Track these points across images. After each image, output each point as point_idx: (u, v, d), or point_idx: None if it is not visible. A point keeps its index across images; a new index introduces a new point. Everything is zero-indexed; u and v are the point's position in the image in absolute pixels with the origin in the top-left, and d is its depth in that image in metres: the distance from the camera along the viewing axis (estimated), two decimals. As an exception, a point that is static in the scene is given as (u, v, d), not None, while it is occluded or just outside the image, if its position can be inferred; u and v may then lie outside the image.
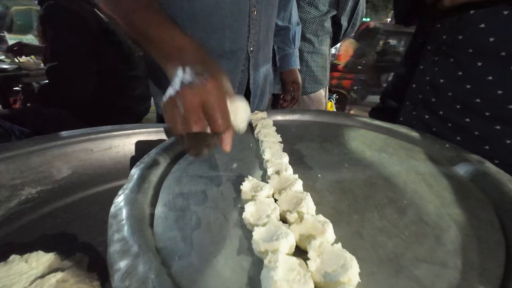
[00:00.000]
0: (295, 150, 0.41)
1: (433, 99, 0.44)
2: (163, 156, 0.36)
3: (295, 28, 0.85)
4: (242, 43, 0.59)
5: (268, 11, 0.62)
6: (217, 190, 0.30)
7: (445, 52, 0.42)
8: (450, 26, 0.40)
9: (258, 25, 0.59)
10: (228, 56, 0.60)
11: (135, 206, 0.25)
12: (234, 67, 0.62)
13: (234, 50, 0.59)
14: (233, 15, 0.55)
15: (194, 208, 0.27)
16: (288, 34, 0.84)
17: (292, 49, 0.86)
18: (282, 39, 0.85)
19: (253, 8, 0.57)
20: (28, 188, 0.35)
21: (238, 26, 0.57)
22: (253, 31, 0.59)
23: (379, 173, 0.33)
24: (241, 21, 0.56)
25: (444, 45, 0.42)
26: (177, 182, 0.32)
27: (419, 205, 0.27)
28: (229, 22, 0.55)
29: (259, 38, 0.62)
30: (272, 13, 0.65)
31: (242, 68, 0.63)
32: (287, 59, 0.86)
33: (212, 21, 0.54)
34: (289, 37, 0.84)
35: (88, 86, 0.95)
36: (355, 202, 0.28)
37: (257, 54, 0.63)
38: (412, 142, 0.41)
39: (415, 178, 0.32)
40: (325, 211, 0.26)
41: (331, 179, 0.32)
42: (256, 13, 0.58)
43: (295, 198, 0.25)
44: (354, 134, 0.47)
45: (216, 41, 0.57)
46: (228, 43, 0.58)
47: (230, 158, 0.38)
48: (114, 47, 1.02)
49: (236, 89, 0.64)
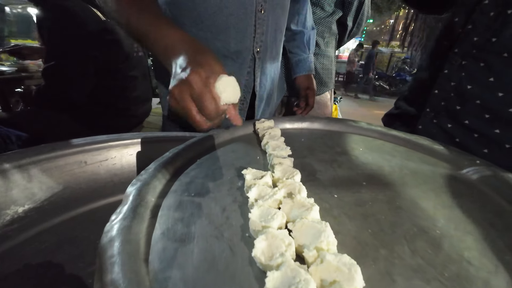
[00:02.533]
0: (306, 164, 0.38)
1: (457, 107, 0.40)
2: (162, 173, 0.33)
3: (309, 33, 0.82)
4: (248, 43, 0.57)
5: (277, 11, 0.59)
6: (222, 215, 0.26)
7: (475, 55, 0.38)
8: (483, 27, 0.36)
9: (266, 25, 0.57)
10: (233, 57, 0.57)
11: (129, 238, 0.22)
12: (240, 68, 0.59)
13: (240, 50, 0.57)
14: (238, 14, 0.53)
15: (196, 237, 0.24)
16: (302, 38, 0.82)
17: (307, 54, 0.83)
18: (296, 44, 0.83)
19: (260, 7, 0.54)
20: (14, 207, 0.32)
21: (244, 26, 0.54)
22: (260, 31, 0.57)
23: (403, 194, 0.30)
24: (247, 20, 0.54)
25: (474, 48, 0.38)
26: (177, 204, 0.28)
27: (456, 237, 0.23)
28: (234, 22, 0.53)
29: (266, 39, 0.59)
30: (281, 14, 0.62)
31: (248, 70, 0.60)
32: (301, 65, 0.84)
33: (216, 21, 0.52)
34: (303, 42, 0.82)
35: (85, 87, 0.93)
36: (380, 231, 0.24)
37: (264, 55, 0.61)
38: (436, 156, 0.37)
39: (446, 201, 0.28)
40: (346, 242, 0.23)
41: (349, 201, 0.29)
42: (263, 12, 0.55)
43: (312, 229, 0.21)
44: (369, 145, 0.43)
45: (221, 42, 0.55)
46: (233, 43, 0.55)
47: (235, 174, 0.34)
48: (112, 47, 0.99)
49: (241, 92, 0.61)
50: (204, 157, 0.39)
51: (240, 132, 0.49)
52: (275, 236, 0.20)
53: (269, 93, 0.70)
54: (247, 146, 0.44)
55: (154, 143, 0.48)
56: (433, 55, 0.49)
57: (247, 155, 0.39)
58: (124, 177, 0.43)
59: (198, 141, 0.42)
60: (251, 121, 0.51)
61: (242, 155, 0.40)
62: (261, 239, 0.20)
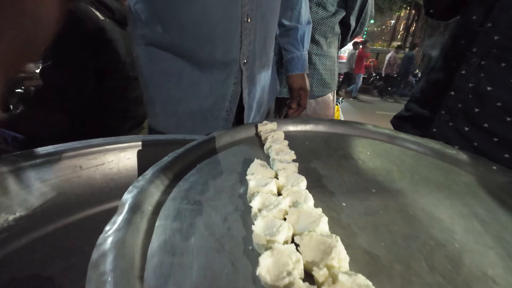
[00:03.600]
0: (311, 169, 0.36)
1: (476, 109, 0.38)
2: (160, 178, 0.31)
3: (304, 28, 0.77)
4: (235, 54, 0.53)
5: (266, 18, 0.55)
6: (223, 225, 0.25)
7: (496, 55, 0.36)
8: (504, 24, 0.35)
9: (253, 34, 0.53)
10: (220, 67, 0.54)
11: (122, 253, 0.20)
12: (226, 78, 0.56)
13: (226, 61, 0.54)
14: (223, 24, 0.49)
15: (195, 250, 0.22)
16: (296, 35, 0.76)
17: (301, 51, 0.78)
18: (289, 41, 0.78)
19: (246, 17, 0.51)
20: (4, 215, 0.30)
21: (230, 36, 0.51)
22: (246, 42, 0.53)
23: (416, 202, 0.28)
24: (233, 30, 0.51)
25: (495, 47, 0.36)
26: (175, 213, 0.27)
27: (477, 251, 0.21)
28: (219, 32, 0.50)
29: (254, 49, 0.56)
30: (270, 19, 0.58)
31: (235, 81, 0.57)
32: (294, 63, 0.78)
33: (201, 31, 0.49)
34: (296, 38, 0.76)
35: (84, 87, 0.91)
36: (394, 244, 0.22)
37: (252, 65, 0.57)
38: (449, 161, 0.35)
39: (462, 210, 0.26)
40: (358, 257, 0.21)
41: (358, 210, 0.27)
42: (249, 22, 0.51)
43: (321, 244, 0.20)
44: (377, 148, 0.41)
45: (207, 52, 0.52)
46: (219, 54, 0.52)
47: (237, 180, 0.33)
48: (111, 46, 0.97)
49: (227, 102, 0.58)
50: (204, 162, 0.37)
51: (242, 135, 0.47)
52: (281, 252, 0.19)
53: (260, 101, 0.66)
54: (249, 149, 0.42)
55: (152, 147, 0.46)
56: (449, 55, 0.47)
57: (249, 160, 0.37)
58: (122, 182, 0.41)
59: (198, 145, 0.40)
60: (253, 123, 0.49)
61: (243, 159, 0.38)
62: (266, 256, 0.18)
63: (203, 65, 0.53)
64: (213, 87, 0.56)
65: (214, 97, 0.57)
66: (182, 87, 0.55)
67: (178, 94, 0.56)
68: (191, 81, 0.55)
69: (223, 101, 0.57)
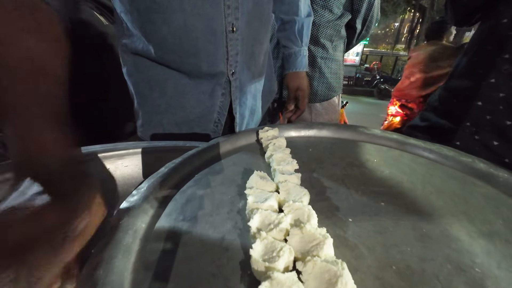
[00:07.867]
0: (314, 179, 0.34)
1: (507, 122, 0.35)
2: (155, 193, 0.29)
3: (303, 20, 0.68)
4: (222, 66, 0.50)
5: (253, 25, 0.52)
6: (220, 246, 0.23)
7: None
8: None
9: (240, 45, 0.50)
10: (208, 78, 0.51)
11: (111, 279, 0.19)
12: (214, 89, 0.53)
13: (213, 74, 0.51)
14: (206, 37, 0.47)
15: (191, 274, 0.20)
16: (293, 28, 0.68)
17: (299, 46, 0.70)
18: (286, 35, 0.70)
19: (231, 27, 0.48)
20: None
21: (214, 49, 0.48)
22: (233, 53, 0.50)
23: (429, 218, 0.26)
24: (217, 42, 0.48)
25: None
26: (170, 231, 0.25)
27: (501, 279, 0.19)
28: (202, 45, 0.47)
29: (243, 59, 0.52)
30: (260, 26, 0.54)
31: (223, 92, 0.53)
32: (292, 60, 0.71)
33: (183, 45, 0.47)
34: (294, 32, 0.68)
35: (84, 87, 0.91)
36: (407, 269, 0.20)
37: (241, 75, 0.54)
38: (464, 171, 0.33)
39: (482, 228, 0.24)
40: (367, 284, 0.19)
41: (366, 227, 0.25)
42: (235, 32, 0.48)
43: (326, 272, 0.18)
44: (385, 156, 0.39)
45: (191, 65, 0.49)
46: (205, 66, 0.49)
47: (236, 192, 0.31)
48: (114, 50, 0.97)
49: (216, 114, 0.55)
50: (202, 172, 0.36)
51: (243, 142, 0.46)
52: (281, 283, 0.17)
53: (252, 109, 0.62)
54: (250, 158, 0.40)
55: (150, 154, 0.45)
56: (474, 61, 0.43)
57: (249, 170, 0.35)
58: (118, 190, 0.40)
59: (197, 153, 0.39)
60: (254, 129, 0.47)
61: (243, 169, 0.36)
62: (264, 286, 0.17)
63: (189, 75, 0.51)
64: (200, 98, 0.53)
65: (201, 108, 0.54)
66: (168, 97, 0.53)
67: (163, 104, 0.54)
68: (177, 91, 0.52)
69: (211, 113, 0.55)
